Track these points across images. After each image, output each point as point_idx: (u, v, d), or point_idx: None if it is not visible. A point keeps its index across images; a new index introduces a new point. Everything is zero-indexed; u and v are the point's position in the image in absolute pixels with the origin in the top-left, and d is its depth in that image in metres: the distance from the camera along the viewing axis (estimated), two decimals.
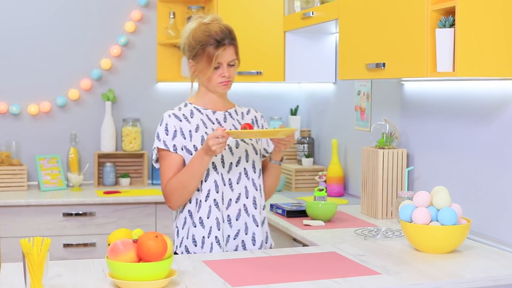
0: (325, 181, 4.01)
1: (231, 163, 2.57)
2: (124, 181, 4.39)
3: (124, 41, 4.44)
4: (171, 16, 4.42)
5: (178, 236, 2.61)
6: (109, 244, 2.13)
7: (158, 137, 2.56)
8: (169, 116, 2.57)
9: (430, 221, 2.49)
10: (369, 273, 2.22)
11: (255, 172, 2.61)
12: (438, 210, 2.49)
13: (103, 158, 4.41)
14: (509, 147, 2.63)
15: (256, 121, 2.70)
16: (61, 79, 4.39)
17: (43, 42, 4.34)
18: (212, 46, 2.50)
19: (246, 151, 2.60)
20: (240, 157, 2.59)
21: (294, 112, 4.58)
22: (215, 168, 2.54)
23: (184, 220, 2.58)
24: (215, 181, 2.54)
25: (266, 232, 2.67)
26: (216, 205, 2.53)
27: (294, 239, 2.99)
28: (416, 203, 2.54)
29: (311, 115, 4.57)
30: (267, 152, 2.70)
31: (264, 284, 2.08)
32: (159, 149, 2.57)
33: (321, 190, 3.40)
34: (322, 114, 4.40)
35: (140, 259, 2.05)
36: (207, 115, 2.60)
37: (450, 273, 2.24)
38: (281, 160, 2.65)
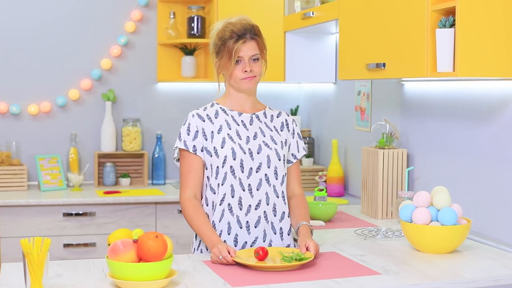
0: (325, 181, 4.01)
1: (251, 168, 2.48)
2: (124, 181, 4.39)
3: (124, 41, 4.43)
4: (171, 16, 4.42)
5: (196, 238, 2.59)
6: (109, 244, 2.14)
7: (179, 136, 2.52)
8: (193, 116, 2.53)
9: (430, 221, 2.49)
10: (369, 273, 2.22)
11: (277, 179, 2.52)
12: (438, 210, 2.49)
13: (103, 158, 4.41)
14: (509, 147, 2.63)
15: (287, 125, 2.62)
16: (61, 79, 4.39)
17: (43, 42, 4.34)
18: (232, 40, 2.45)
19: (268, 156, 2.50)
20: (261, 163, 2.49)
21: (294, 112, 4.58)
22: (233, 172, 2.47)
23: None
24: (232, 186, 2.47)
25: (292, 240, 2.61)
26: (230, 210, 2.48)
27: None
28: (416, 203, 2.54)
29: (311, 115, 4.57)
30: (295, 158, 2.63)
31: (264, 284, 2.08)
32: (180, 149, 2.53)
33: (321, 190, 3.41)
34: (322, 114, 4.40)
35: (140, 259, 2.05)
36: (232, 116, 2.54)
37: (450, 273, 2.24)
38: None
